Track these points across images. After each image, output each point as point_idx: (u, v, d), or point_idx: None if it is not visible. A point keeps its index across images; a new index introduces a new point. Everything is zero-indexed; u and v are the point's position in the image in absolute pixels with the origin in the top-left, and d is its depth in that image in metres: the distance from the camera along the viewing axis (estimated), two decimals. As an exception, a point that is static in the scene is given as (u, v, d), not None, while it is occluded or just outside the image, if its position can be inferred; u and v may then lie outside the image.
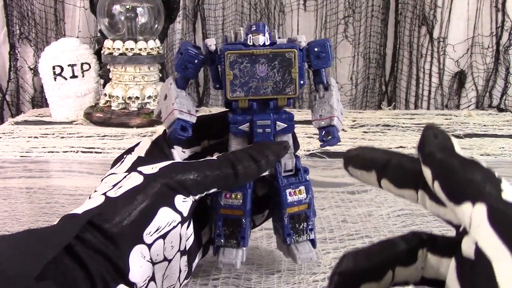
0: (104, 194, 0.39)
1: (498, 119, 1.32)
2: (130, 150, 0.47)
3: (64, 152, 1.03)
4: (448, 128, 1.23)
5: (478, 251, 0.23)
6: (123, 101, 1.26)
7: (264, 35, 0.43)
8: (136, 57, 1.24)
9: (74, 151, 1.03)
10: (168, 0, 1.35)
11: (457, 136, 1.15)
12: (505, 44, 1.46)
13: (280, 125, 0.46)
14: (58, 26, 1.55)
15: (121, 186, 0.39)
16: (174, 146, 0.47)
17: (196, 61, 0.45)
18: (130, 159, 0.44)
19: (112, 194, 0.38)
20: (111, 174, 0.43)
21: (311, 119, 0.45)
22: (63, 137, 1.15)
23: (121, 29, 1.28)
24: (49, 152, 1.04)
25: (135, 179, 0.39)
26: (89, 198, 0.40)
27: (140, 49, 1.24)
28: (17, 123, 1.29)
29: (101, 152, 1.04)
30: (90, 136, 1.15)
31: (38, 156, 1.01)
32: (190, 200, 0.41)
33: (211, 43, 0.44)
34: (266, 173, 0.48)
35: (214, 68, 0.45)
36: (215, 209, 0.46)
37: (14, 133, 1.18)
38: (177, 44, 1.57)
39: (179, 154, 0.47)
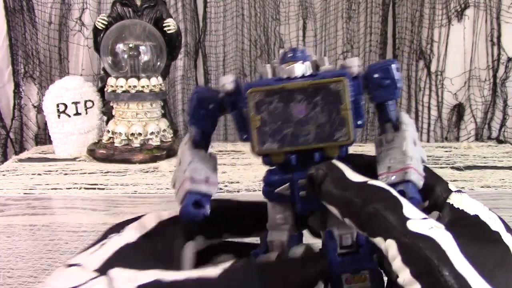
0: None
1: (497, 151, 1.33)
2: (123, 224, 0.32)
3: (67, 189, 1.04)
4: (448, 160, 1.24)
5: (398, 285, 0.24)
6: (126, 138, 1.27)
7: (304, 63, 0.31)
8: (139, 94, 1.26)
9: (77, 188, 1.04)
10: (170, 38, 1.38)
11: (457, 168, 1.16)
12: (502, 76, 1.48)
13: None
14: (62, 64, 1.58)
15: None
16: (197, 236, 0.34)
17: (210, 105, 0.33)
18: (113, 245, 0.30)
19: None
20: (78, 265, 0.28)
21: (378, 172, 0.31)
22: (66, 174, 1.15)
23: (124, 67, 1.31)
24: (52, 189, 1.04)
25: None
26: None
27: (143, 86, 1.26)
28: (20, 160, 1.30)
29: (104, 189, 1.04)
30: (93, 173, 1.16)
31: (42, 193, 1.01)
32: None
33: (226, 81, 0.32)
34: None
35: (236, 114, 0.33)
36: None
37: (17, 171, 1.19)
38: (179, 81, 1.60)
39: (199, 245, 0.34)
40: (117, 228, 0.32)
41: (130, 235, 0.31)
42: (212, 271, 0.27)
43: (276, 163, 0.32)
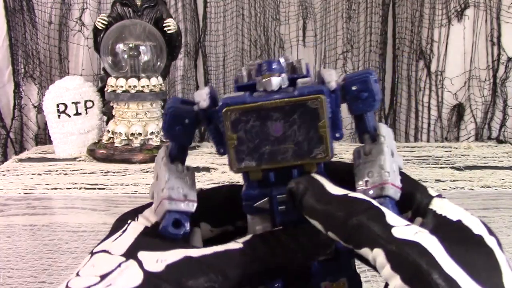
0: None
1: (497, 151, 1.33)
2: (137, 212, 0.35)
3: (67, 188, 1.04)
4: (448, 160, 1.24)
5: None
6: (126, 138, 1.27)
7: (280, 75, 0.31)
8: (139, 94, 1.26)
9: (77, 188, 1.04)
10: (170, 38, 1.38)
11: (457, 168, 1.16)
12: (502, 76, 1.48)
13: None
14: (62, 64, 1.58)
15: (110, 284, 0.28)
16: (201, 223, 0.35)
17: (186, 120, 0.32)
18: (133, 230, 0.32)
19: None
20: (104, 251, 0.31)
21: (356, 186, 0.31)
22: (66, 174, 1.15)
23: (124, 67, 1.31)
24: (52, 189, 1.04)
25: (132, 277, 0.28)
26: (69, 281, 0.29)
27: (143, 86, 1.26)
28: (20, 160, 1.30)
29: (104, 189, 1.04)
30: (93, 173, 1.16)
31: (42, 193, 1.01)
32: None
33: (201, 97, 0.32)
34: None
35: (213, 128, 0.32)
36: None
37: (18, 170, 1.19)
38: (179, 81, 1.60)
39: (204, 233, 0.36)
40: (133, 215, 0.34)
41: (146, 221, 0.33)
42: (235, 244, 0.30)
43: (254, 179, 0.32)
